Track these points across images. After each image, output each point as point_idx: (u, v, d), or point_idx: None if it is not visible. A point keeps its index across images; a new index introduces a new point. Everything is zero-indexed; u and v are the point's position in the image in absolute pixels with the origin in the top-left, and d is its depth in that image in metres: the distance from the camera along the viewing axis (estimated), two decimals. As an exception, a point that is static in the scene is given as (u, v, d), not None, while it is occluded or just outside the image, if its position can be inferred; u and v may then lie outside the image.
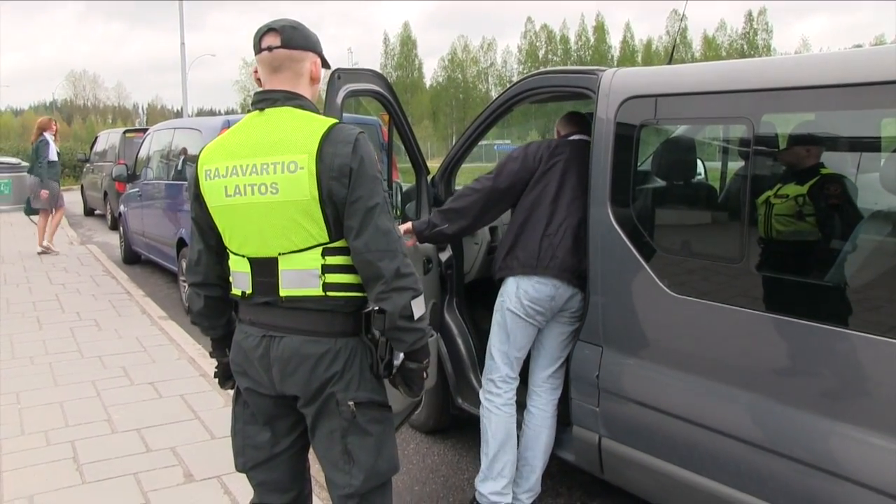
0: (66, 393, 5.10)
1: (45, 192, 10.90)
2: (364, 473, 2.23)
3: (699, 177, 3.86)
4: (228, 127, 7.04)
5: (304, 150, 2.06)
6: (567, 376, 3.42)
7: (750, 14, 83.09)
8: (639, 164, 3.16)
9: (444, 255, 4.03)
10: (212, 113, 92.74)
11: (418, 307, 2.12)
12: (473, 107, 77.20)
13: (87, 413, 4.72)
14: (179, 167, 8.33)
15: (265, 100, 2.20)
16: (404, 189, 4.76)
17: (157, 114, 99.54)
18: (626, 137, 3.11)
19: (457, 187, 4.41)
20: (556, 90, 3.61)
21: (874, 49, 2.50)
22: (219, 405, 4.83)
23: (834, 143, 2.70)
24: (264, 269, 2.17)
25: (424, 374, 2.29)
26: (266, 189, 2.10)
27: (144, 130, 13.08)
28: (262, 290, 2.19)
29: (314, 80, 2.27)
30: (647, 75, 3.20)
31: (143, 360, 5.92)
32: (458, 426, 4.54)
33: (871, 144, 2.58)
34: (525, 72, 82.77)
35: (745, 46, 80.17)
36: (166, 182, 8.65)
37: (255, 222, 2.15)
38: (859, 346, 2.35)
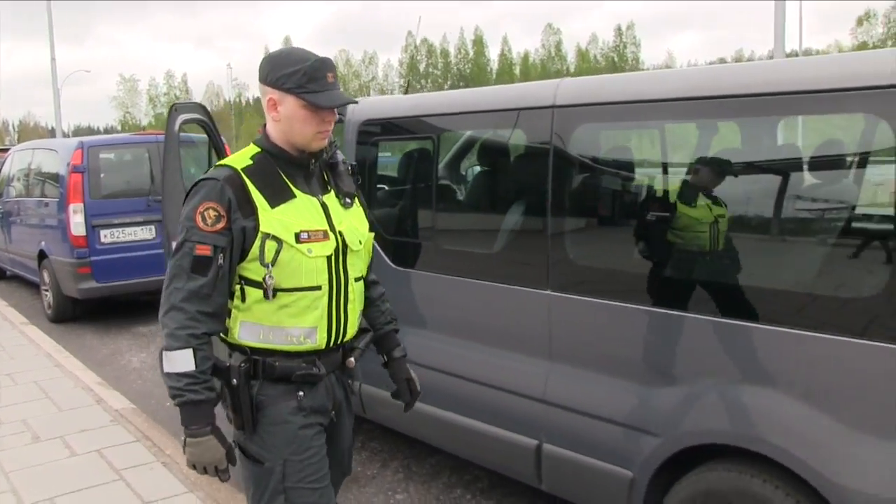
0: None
1: None
2: None
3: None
4: (82, 149, 7.86)
5: None
6: None
7: (619, 28, 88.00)
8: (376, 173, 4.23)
9: None
10: (90, 130, 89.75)
11: (168, 363, 2.02)
12: (356, 120, 77.82)
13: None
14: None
15: None
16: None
17: (31, 131, 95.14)
18: (365, 152, 4.17)
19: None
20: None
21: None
22: (69, 385, 5.62)
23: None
24: None
25: (186, 450, 2.08)
26: None
27: (6, 150, 13.42)
28: None
29: (273, 117, 2.12)
30: (380, 103, 4.28)
31: (4, 357, 6.59)
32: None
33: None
34: (405, 85, 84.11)
35: (616, 59, 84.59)
36: (27, 199, 9.23)
37: None
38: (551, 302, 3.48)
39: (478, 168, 4.28)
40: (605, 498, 3.02)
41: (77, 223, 7.66)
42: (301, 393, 2.13)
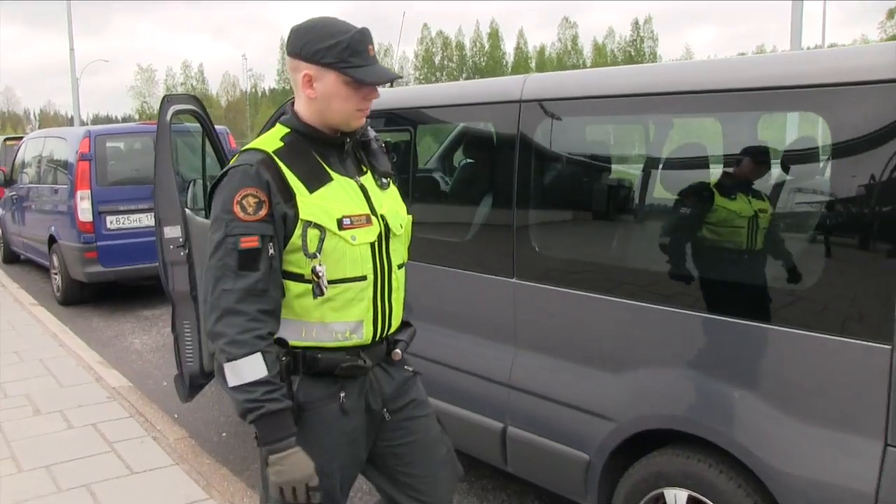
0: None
1: None
2: None
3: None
4: (89, 137, 8.06)
5: None
6: None
7: (636, 22, 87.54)
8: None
9: None
10: (108, 119, 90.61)
11: (234, 375, 1.80)
12: (368, 111, 78.53)
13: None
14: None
15: None
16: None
17: (51, 120, 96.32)
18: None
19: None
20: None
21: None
22: (71, 364, 5.86)
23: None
24: None
25: (271, 470, 1.83)
26: None
27: (19, 139, 13.73)
28: None
29: (307, 94, 1.93)
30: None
31: (12, 336, 6.84)
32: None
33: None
34: (421, 77, 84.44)
35: (633, 53, 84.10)
36: (39, 185, 9.49)
37: None
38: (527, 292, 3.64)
39: (453, 161, 4.47)
40: (564, 480, 3.16)
41: (84, 209, 7.90)
42: (343, 394, 1.96)
